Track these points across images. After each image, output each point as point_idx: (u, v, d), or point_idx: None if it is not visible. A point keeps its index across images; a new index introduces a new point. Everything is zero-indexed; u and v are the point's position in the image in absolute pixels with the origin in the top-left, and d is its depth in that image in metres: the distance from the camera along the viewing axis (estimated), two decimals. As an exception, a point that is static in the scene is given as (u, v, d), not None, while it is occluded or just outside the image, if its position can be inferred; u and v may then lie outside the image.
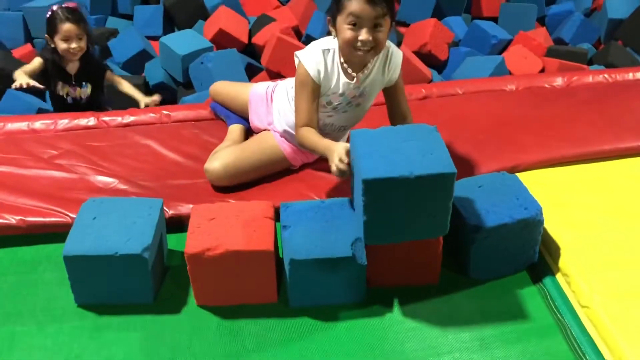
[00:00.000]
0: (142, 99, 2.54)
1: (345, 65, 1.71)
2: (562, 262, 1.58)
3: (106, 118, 2.19)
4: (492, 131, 2.13)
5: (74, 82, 2.52)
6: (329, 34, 1.71)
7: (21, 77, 2.27)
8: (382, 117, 1.84)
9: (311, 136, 1.68)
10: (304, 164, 1.97)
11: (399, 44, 3.41)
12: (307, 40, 3.78)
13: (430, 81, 3.07)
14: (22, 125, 2.14)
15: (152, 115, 2.22)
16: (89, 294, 1.53)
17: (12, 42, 3.54)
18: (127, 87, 2.61)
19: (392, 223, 1.42)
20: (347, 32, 1.59)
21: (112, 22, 3.83)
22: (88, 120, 2.18)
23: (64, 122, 2.16)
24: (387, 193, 1.37)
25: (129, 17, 3.88)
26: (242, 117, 2.11)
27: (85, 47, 2.46)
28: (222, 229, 1.51)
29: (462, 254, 1.62)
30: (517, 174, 1.82)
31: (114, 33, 3.60)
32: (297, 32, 3.81)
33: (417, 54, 3.29)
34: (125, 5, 3.92)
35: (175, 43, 3.18)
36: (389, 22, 1.60)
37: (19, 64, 2.77)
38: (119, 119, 2.19)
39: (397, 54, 1.77)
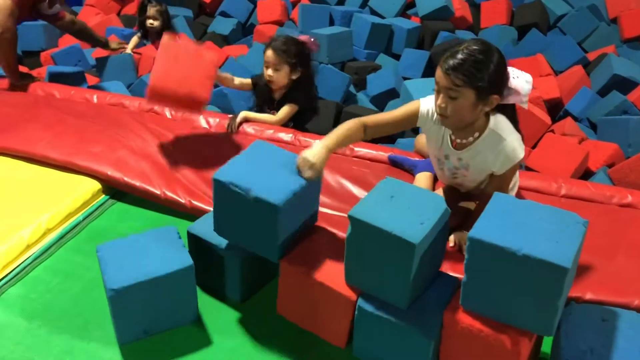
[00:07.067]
0: None
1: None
2: None
3: (301, 137, 2.45)
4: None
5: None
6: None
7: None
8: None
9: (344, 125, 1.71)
10: None
11: None
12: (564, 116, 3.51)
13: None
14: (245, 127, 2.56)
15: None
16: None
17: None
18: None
19: (492, 295, 1.34)
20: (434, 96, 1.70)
21: (382, 59, 4.15)
22: (287, 135, 2.47)
23: (269, 132, 2.50)
24: (490, 260, 1.30)
25: (399, 57, 4.16)
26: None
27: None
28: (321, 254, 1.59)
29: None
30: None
31: (375, 68, 3.92)
32: (556, 106, 3.58)
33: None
34: (399, 46, 4.21)
35: (415, 88, 3.31)
36: (470, 94, 1.60)
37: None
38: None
39: (510, 152, 1.70)
